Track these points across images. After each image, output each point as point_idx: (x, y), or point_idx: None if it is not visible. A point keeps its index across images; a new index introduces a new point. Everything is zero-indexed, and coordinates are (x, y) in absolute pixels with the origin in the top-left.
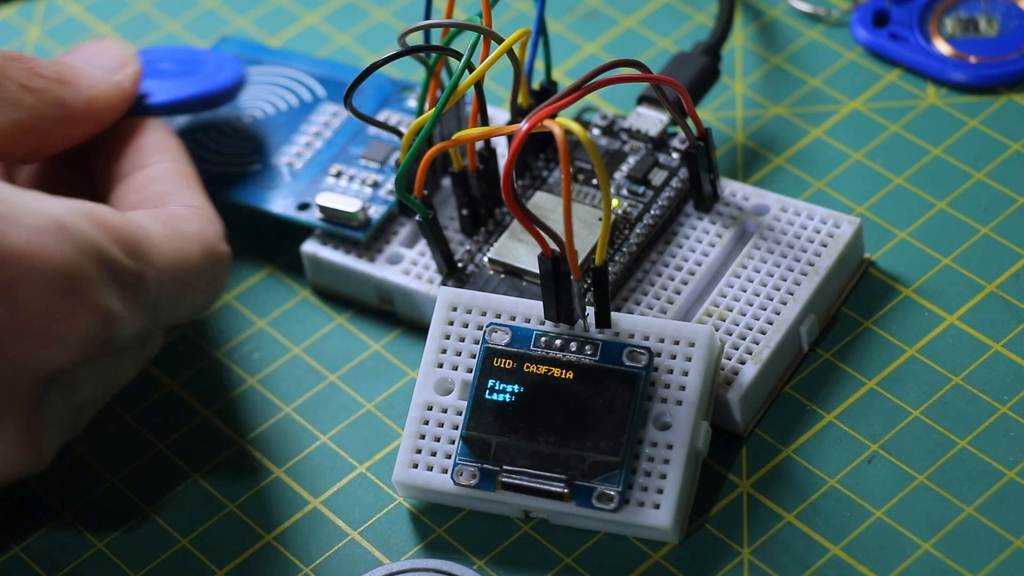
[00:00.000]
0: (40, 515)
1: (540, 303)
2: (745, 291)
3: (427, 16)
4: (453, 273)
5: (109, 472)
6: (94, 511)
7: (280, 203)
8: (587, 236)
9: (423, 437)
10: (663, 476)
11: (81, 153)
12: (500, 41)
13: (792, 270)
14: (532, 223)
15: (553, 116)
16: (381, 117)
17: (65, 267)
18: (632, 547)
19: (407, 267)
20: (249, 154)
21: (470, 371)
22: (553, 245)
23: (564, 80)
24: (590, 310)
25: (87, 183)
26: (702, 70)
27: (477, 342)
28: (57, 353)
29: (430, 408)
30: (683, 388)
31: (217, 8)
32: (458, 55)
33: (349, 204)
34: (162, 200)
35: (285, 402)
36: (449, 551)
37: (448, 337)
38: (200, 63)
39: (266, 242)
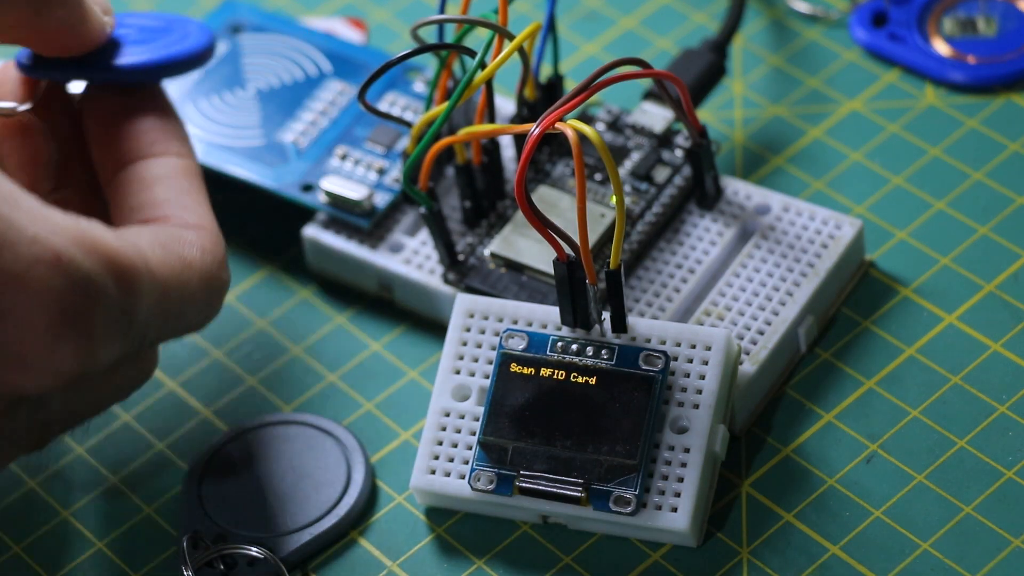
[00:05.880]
0: (40, 514)
1: (556, 309)
2: (744, 291)
3: (441, 11)
4: (454, 266)
5: (110, 471)
6: (94, 511)
7: (283, 182)
8: (590, 232)
9: (440, 443)
10: (680, 480)
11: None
12: (512, 38)
13: (792, 271)
14: (547, 228)
15: (562, 118)
16: (387, 99)
17: (54, 301)
18: (632, 547)
19: (408, 256)
20: (251, 127)
21: (487, 377)
22: (568, 250)
23: (565, 80)
24: (606, 315)
25: (105, 211)
26: (708, 67)
27: (494, 348)
28: (30, 380)
29: (447, 415)
30: (700, 392)
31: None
32: (472, 53)
33: (355, 191)
34: (164, 211)
35: (285, 402)
36: (449, 551)
37: (465, 344)
38: (166, 28)
39: (265, 233)
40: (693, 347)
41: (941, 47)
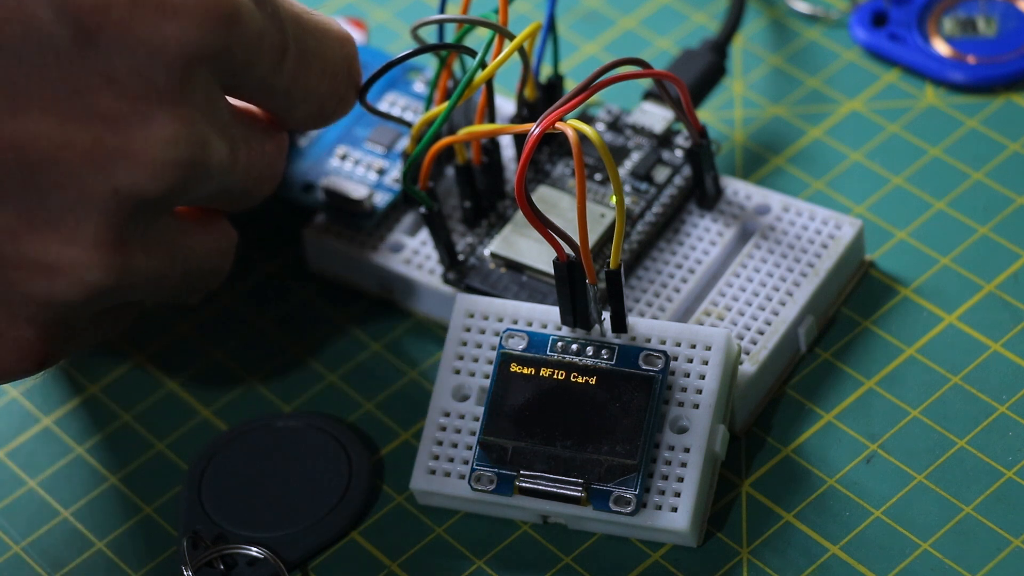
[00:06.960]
0: (41, 514)
1: (556, 308)
2: (744, 291)
3: (441, 10)
4: (454, 266)
5: (110, 471)
6: (96, 510)
7: (283, 182)
8: (590, 232)
9: (440, 443)
10: (680, 479)
11: None
12: (512, 38)
13: (792, 271)
14: (547, 228)
15: (562, 117)
16: (387, 99)
17: None
18: (632, 547)
19: (408, 256)
20: None
21: (487, 377)
22: (568, 250)
23: (565, 81)
24: (606, 315)
25: None
26: (708, 67)
27: (494, 348)
28: (181, 26)
29: (447, 415)
30: (700, 392)
31: None
32: (472, 53)
33: (355, 191)
34: None
35: (285, 402)
36: (449, 551)
37: (465, 344)
38: None
39: (266, 233)
40: (693, 347)
41: (941, 47)
